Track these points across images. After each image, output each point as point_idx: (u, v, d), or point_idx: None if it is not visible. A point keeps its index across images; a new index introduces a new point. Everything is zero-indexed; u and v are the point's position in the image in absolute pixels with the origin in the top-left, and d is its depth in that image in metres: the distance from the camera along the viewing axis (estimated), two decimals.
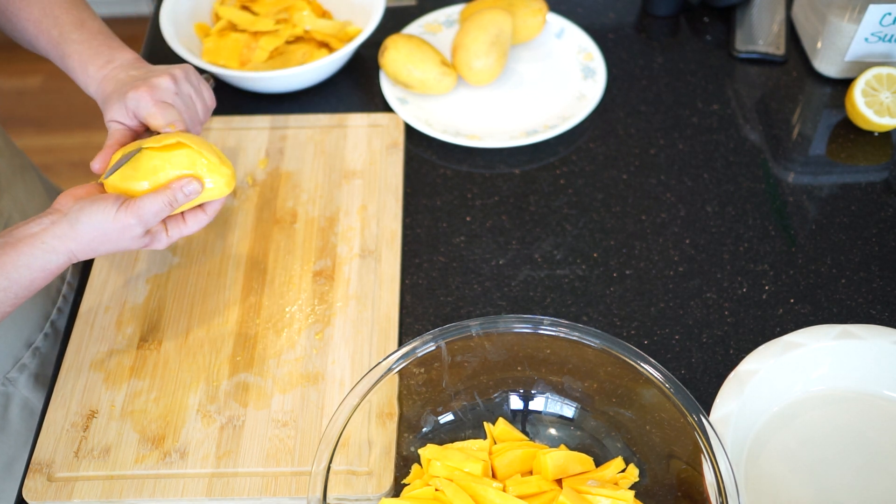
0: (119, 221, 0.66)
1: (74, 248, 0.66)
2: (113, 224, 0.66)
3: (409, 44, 0.97)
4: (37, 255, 0.65)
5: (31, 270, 0.65)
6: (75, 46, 0.76)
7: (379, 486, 0.69)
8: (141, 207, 0.67)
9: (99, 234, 0.66)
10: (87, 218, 0.66)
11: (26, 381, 0.85)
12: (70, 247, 0.66)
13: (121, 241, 0.68)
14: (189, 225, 0.72)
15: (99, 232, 0.66)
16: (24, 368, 0.85)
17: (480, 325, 0.68)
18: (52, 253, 0.65)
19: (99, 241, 0.67)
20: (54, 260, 0.65)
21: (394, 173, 0.92)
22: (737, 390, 0.69)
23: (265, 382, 0.76)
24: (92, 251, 0.67)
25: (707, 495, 0.60)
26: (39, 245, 0.65)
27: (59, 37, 0.76)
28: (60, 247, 0.65)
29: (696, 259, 0.85)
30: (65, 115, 2.25)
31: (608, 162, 0.94)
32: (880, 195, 0.90)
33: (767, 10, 1.07)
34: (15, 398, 0.85)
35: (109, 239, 0.67)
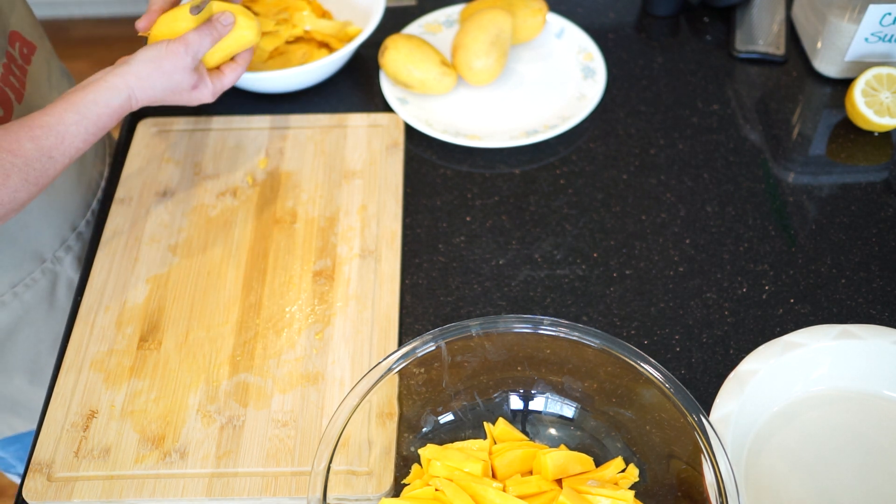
0: (170, 51, 0.75)
1: (133, 84, 0.74)
2: (165, 55, 0.75)
3: (409, 44, 0.97)
4: (101, 92, 0.73)
5: (98, 105, 0.72)
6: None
7: (379, 486, 0.69)
8: (187, 35, 0.76)
9: (154, 68, 0.75)
10: (142, 54, 0.75)
11: (71, 262, 0.92)
12: (129, 82, 0.74)
13: (174, 74, 0.76)
14: (227, 75, 0.82)
15: (153, 65, 0.75)
16: (70, 249, 0.92)
17: (480, 325, 0.68)
18: (114, 90, 0.73)
19: (153, 76, 0.75)
20: (116, 96, 0.73)
21: (394, 173, 0.92)
22: (737, 390, 0.69)
23: (265, 382, 0.76)
24: (149, 88, 0.75)
25: (707, 495, 0.60)
26: (103, 84, 0.73)
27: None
28: (121, 83, 0.74)
29: (696, 259, 0.85)
30: None
31: (608, 162, 0.94)
32: (880, 195, 0.90)
33: (767, 10, 1.07)
34: (62, 277, 0.92)
35: (164, 72, 0.75)
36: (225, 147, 0.95)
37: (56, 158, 0.71)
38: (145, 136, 0.96)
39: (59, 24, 2.46)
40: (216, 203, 0.90)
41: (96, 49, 2.36)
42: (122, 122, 1.00)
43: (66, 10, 2.47)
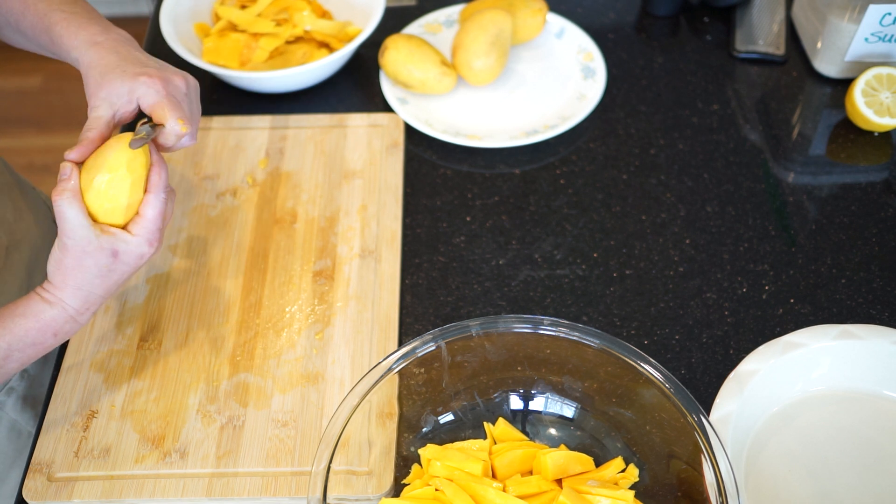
0: (59, 248, 0.64)
1: (62, 296, 0.65)
2: (60, 254, 0.65)
3: (409, 44, 0.97)
4: (30, 304, 0.65)
5: (26, 319, 0.64)
6: (65, 15, 0.72)
7: (379, 486, 0.69)
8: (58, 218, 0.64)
9: (64, 272, 0.65)
10: (48, 266, 0.65)
11: (14, 404, 0.84)
12: (57, 295, 0.65)
13: (85, 264, 0.65)
14: (144, 214, 0.67)
15: (61, 269, 0.65)
16: (12, 391, 0.84)
17: (480, 325, 0.68)
18: (43, 302, 0.65)
19: (71, 278, 0.65)
20: (47, 310, 0.65)
21: (394, 173, 0.92)
22: (737, 390, 0.69)
23: (265, 382, 0.76)
24: (74, 291, 0.66)
25: (707, 495, 0.60)
26: (33, 297, 0.65)
27: (46, 8, 0.72)
28: (48, 296, 0.65)
29: (696, 259, 0.85)
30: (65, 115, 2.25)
31: (608, 162, 0.94)
32: (880, 195, 0.90)
33: (767, 10, 1.07)
34: (3, 421, 0.83)
35: (73, 269, 0.65)
36: (225, 147, 0.95)
37: None
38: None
39: None
40: (216, 203, 0.90)
41: None
42: None
43: None
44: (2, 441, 0.83)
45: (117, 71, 0.68)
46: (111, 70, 0.68)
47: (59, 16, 0.72)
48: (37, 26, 0.73)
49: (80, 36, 0.70)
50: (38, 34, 0.74)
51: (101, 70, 0.68)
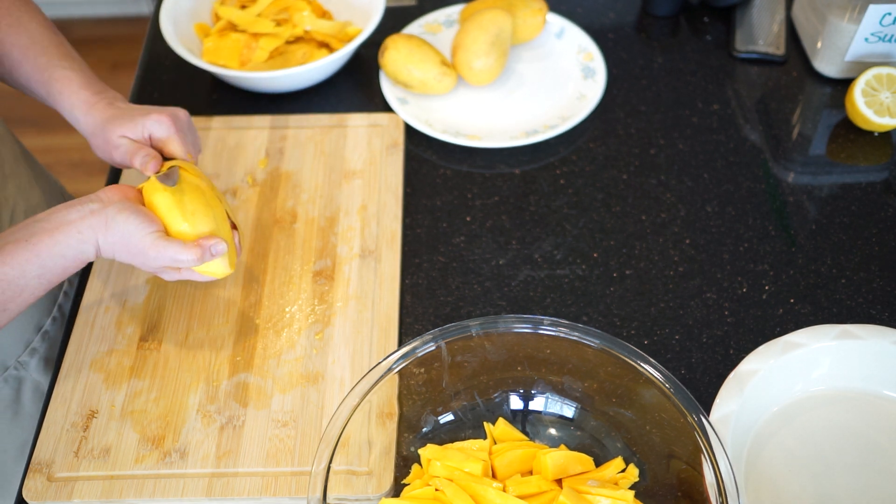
0: (146, 244, 0.67)
1: (101, 242, 0.67)
2: (140, 243, 0.67)
3: (409, 44, 0.97)
4: (72, 244, 0.66)
5: (65, 259, 0.66)
6: (66, 72, 0.77)
7: (379, 486, 0.69)
8: (167, 250, 0.67)
9: (125, 243, 0.67)
10: (124, 223, 0.67)
11: (37, 365, 0.87)
12: (98, 238, 0.67)
13: (136, 258, 0.69)
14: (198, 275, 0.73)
15: (126, 241, 0.67)
16: (35, 352, 0.87)
17: (480, 325, 0.68)
18: (84, 243, 0.66)
19: (120, 247, 0.68)
20: (85, 250, 0.67)
21: (394, 173, 0.92)
22: (737, 390, 0.69)
23: (265, 382, 0.76)
24: (110, 252, 0.68)
25: (707, 495, 0.60)
26: (75, 234, 0.66)
27: (46, 63, 0.77)
28: (91, 237, 0.67)
29: (696, 259, 0.85)
30: None
31: (608, 162, 0.94)
32: (880, 195, 0.90)
33: (767, 10, 1.07)
34: (27, 382, 0.86)
35: (130, 251, 0.68)
36: (225, 147, 0.95)
37: (10, 310, 0.66)
38: None
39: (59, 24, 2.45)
40: None
41: (96, 49, 2.36)
42: None
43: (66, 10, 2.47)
44: (28, 402, 0.87)
45: (125, 117, 0.75)
46: (118, 118, 0.75)
47: (59, 73, 0.77)
48: (34, 78, 0.78)
49: (82, 95, 0.77)
50: (34, 85, 0.79)
51: (108, 121, 0.75)
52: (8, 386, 0.85)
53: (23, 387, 0.86)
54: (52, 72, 0.77)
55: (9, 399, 0.85)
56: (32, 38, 0.79)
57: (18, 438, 0.86)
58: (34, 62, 0.78)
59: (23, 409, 0.86)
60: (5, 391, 0.85)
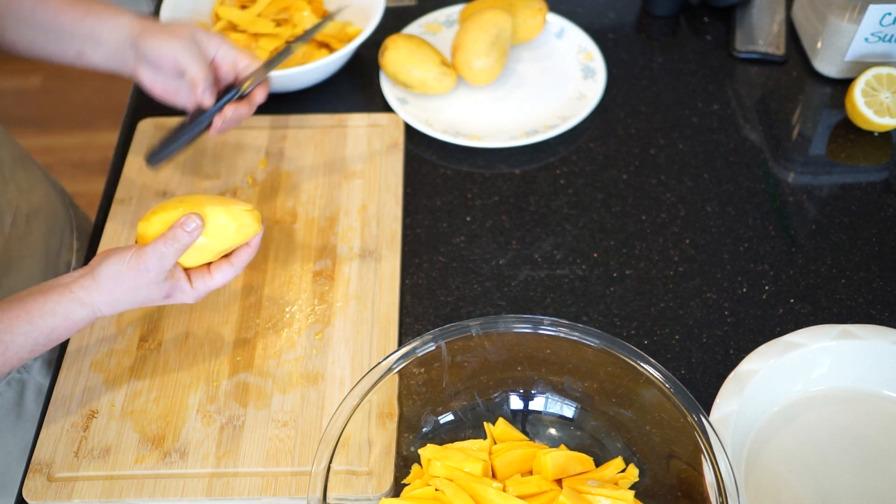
0: (132, 267, 0.66)
1: (98, 301, 0.66)
2: (127, 271, 0.66)
3: (409, 44, 0.97)
4: (63, 302, 0.65)
5: (55, 317, 0.65)
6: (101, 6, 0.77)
7: (379, 486, 0.69)
8: (146, 251, 0.66)
9: (117, 284, 0.66)
10: (106, 267, 0.66)
11: (39, 368, 0.87)
12: (94, 298, 0.66)
13: (139, 290, 0.67)
14: (215, 278, 0.70)
15: (117, 281, 0.66)
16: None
17: (480, 325, 0.68)
18: (76, 303, 0.66)
19: (120, 292, 0.67)
20: (78, 311, 0.66)
21: (394, 173, 0.92)
22: (737, 390, 0.69)
23: (265, 382, 0.76)
24: (114, 302, 0.67)
25: (707, 495, 0.60)
26: (66, 294, 0.65)
27: None
28: (86, 298, 0.66)
29: (696, 259, 0.85)
30: (65, 115, 2.25)
31: (608, 162, 0.94)
32: (880, 195, 0.90)
33: (767, 10, 1.07)
34: (30, 384, 0.86)
35: (127, 289, 0.67)
36: (225, 147, 0.95)
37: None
38: (145, 135, 0.96)
39: None
40: None
41: None
42: (122, 123, 1.00)
43: None
44: (30, 405, 0.86)
45: (181, 30, 0.75)
46: (165, 30, 0.75)
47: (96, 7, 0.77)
48: (67, 12, 0.76)
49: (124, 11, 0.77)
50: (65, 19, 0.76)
51: (160, 26, 0.75)
52: (11, 389, 0.85)
53: (26, 389, 0.86)
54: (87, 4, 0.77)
55: (12, 402, 0.85)
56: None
57: (21, 440, 0.86)
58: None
59: (26, 412, 0.86)
60: (8, 394, 0.85)
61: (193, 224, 0.67)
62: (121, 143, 0.97)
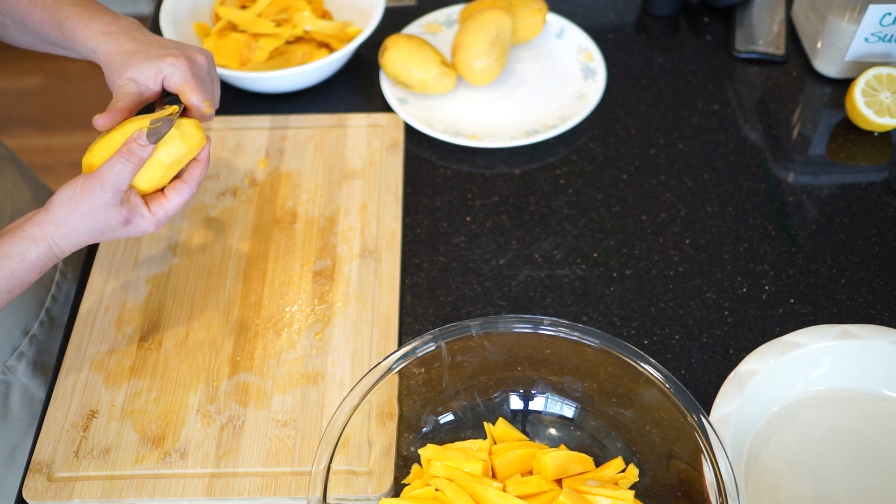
0: (85, 191, 0.63)
1: (53, 233, 0.64)
2: (80, 194, 0.63)
3: (409, 44, 0.97)
4: (15, 243, 0.63)
5: (11, 260, 0.63)
6: (75, 9, 0.73)
7: (379, 486, 0.69)
8: (100, 169, 0.63)
9: (72, 210, 0.64)
10: (58, 197, 0.64)
11: (25, 369, 0.86)
12: (48, 231, 0.64)
13: (95, 214, 0.64)
14: (171, 200, 0.68)
15: (71, 207, 0.64)
16: (23, 356, 0.86)
17: (480, 325, 0.68)
18: (30, 241, 0.63)
19: (75, 219, 0.64)
20: (33, 249, 0.64)
21: (394, 173, 0.92)
22: (737, 390, 0.69)
23: (265, 382, 0.76)
24: (70, 233, 0.65)
25: (707, 495, 0.60)
26: (19, 233, 0.64)
27: (55, 4, 0.73)
28: (39, 233, 0.64)
29: (696, 259, 0.85)
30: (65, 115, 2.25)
31: (608, 162, 0.94)
32: (880, 195, 0.90)
33: (767, 10, 1.07)
34: (15, 386, 0.85)
35: (83, 214, 0.64)
36: (225, 147, 0.95)
37: None
38: None
39: None
40: (216, 203, 0.90)
41: None
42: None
43: None
44: (16, 408, 0.86)
45: (141, 55, 0.70)
46: (134, 54, 0.70)
47: (68, 10, 0.73)
48: (45, 22, 0.74)
49: (93, 26, 0.72)
50: (47, 29, 0.75)
51: (124, 56, 0.70)
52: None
53: (11, 391, 0.85)
54: (60, 11, 0.73)
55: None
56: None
57: (7, 443, 0.86)
58: (42, 6, 0.74)
59: (11, 414, 0.86)
60: None
61: (143, 136, 0.65)
62: None
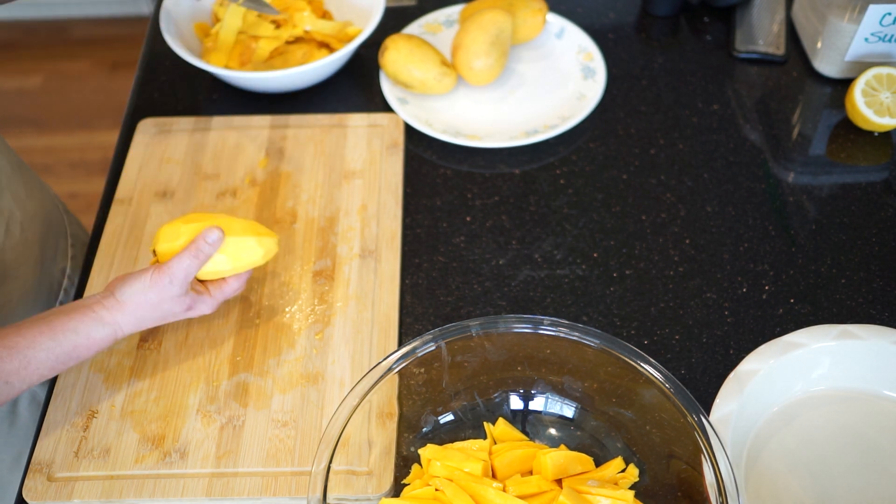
0: (155, 284, 0.69)
1: (121, 320, 0.69)
2: (150, 287, 0.69)
3: (409, 44, 0.97)
4: (85, 321, 0.67)
5: (77, 335, 0.67)
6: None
7: (379, 486, 0.69)
8: (170, 264, 0.69)
9: (141, 302, 0.69)
10: (129, 287, 0.69)
11: None
12: (116, 318, 0.68)
13: (162, 304, 0.70)
14: (230, 284, 0.75)
15: (141, 299, 0.69)
16: None
17: (480, 325, 0.68)
18: (99, 322, 0.67)
19: (143, 309, 0.69)
20: (100, 330, 0.68)
21: (394, 173, 0.92)
22: (737, 390, 0.69)
23: (265, 382, 0.76)
24: (138, 320, 0.70)
25: (707, 495, 0.60)
26: (90, 314, 0.67)
27: None
28: (108, 317, 0.68)
29: (696, 259, 0.85)
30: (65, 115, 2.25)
31: (608, 162, 0.94)
32: (880, 195, 0.90)
33: (767, 10, 1.07)
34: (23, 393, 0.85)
35: (151, 304, 0.69)
36: (225, 147, 0.95)
37: (13, 384, 0.64)
38: (145, 136, 0.96)
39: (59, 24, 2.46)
40: (216, 203, 0.90)
41: (96, 49, 2.36)
42: (122, 123, 1.00)
43: (66, 10, 2.47)
44: (23, 413, 0.86)
45: None
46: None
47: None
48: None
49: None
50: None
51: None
52: None
53: (19, 398, 0.86)
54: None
55: (6, 410, 0.85)
56: None
57: (14, 448, 0.86)
58: None
59: (19, 420, 0.86)
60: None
61: (215, 235, 0.71)
62: (121, 143, 0.97)
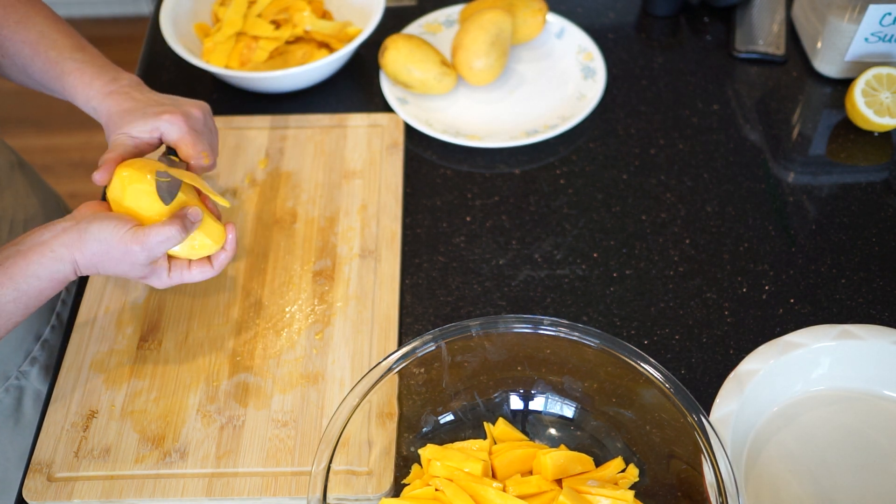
0: (125, 244, 0.66)
1: (79, 259, 0.66)
2: (118, 245, 0.66)
3: (409, 44, 0.97)
4: (45, 263, 0.65)
5: (40, 280, 0.65)
6: (76, 65, 0.75)
7: (379, 486, 0.69)
8: (148, 235, 0.66)
9: (103, 251, 0.66)
10: (98, 230, 0.66)
11: (37, 374, 0.87)
12: (75, 256, 0.66)
13: (121, 264, 0.67)
14: (193, 274, 0.72)
15: (103, 248, 0.66)
16: (35, 361, 0.87)
17: (480, 325, 0.68)
18: (59, 261, 0.65)
19: (101, 258, 0.67)
20: (61, 269, 0.66)
21: (394, 173, 0.92)
22: (737, 390, 0.69)
23: (265, 382, 0.76)
24: (93, 266, 0.67)
25: (707, 495, 0.60)
26: (48, 253, 0.65)
27: (57, 56, 0.75)
28: (67, 255, 0.65)
29: (696, 259, 0.85)
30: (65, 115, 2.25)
31: (608, 162, 0.94)
32: (880, 195, 0.90)
33: (767, 10, 1.07)
34: (28, 391, 0.86)
35: (112, 258, 0.67)
36: (225, 147, 0.95)
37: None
38: None
39: None
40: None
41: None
42: None
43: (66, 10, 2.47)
44: (28, 411, 0.87)
45: (137, 113, 0.72)
46: (131, 113, 0.72)
47: (70, 65, 0.75)
48: (47, 73, 0.76)
49: (95, 86, 0.74)
50: (48, 80, 0.77)
51: (122, 114, 0.73)
52: (9, 395, 0.85)
53: (24, 396, 0.86)
54: (63, 65, 0.75)
55: (10, 408, 0.85)
56: (41, 32, 0.76)
57: (19, 447, 0.86)
58: (45, 56, 0.75)
59: (24, 418, 0.86)
60: (7, 401, 0.85)
61: (195, 213, 0.69)
62: None
